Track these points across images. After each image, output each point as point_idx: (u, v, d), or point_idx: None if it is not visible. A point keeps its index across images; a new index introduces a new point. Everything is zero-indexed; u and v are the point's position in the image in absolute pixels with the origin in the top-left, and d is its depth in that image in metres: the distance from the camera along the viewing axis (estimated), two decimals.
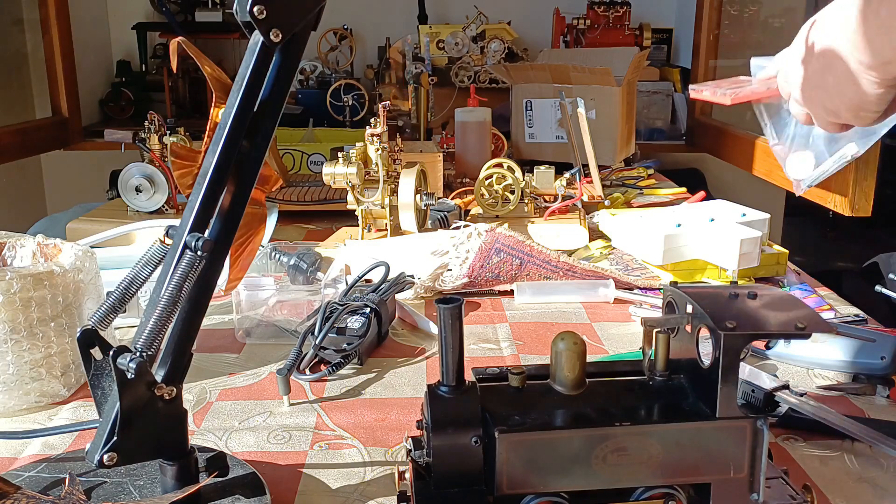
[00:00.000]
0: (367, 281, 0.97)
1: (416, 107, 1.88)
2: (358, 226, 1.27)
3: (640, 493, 0.52)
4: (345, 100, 2.14)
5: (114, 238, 1.14)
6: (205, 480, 0.56)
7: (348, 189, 1.22)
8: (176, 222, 0.55)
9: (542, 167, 1.37)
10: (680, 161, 2.48)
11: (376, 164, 1.22)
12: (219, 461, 0.57)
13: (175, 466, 0.55)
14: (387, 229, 1.26)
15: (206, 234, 0.53)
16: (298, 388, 0.78)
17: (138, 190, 1.29)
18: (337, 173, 1.20)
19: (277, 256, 1.06)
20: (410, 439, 0.56)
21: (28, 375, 0.73)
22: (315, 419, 0.73)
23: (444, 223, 1.27)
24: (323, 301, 0.88)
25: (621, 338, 0.91)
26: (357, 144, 1.24)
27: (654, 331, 0.56)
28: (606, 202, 1.42)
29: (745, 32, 2.18)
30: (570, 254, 1.14)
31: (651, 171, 1.77)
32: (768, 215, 1.10)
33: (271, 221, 1.23)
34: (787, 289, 1.03)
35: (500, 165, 1.35)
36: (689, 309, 0.55)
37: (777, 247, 1.09)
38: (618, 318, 0.97)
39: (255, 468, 0.61)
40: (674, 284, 0.57)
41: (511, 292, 1.03)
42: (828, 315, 0.96)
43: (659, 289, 1.03)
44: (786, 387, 0.61)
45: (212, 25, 2.52)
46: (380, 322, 0.88)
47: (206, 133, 0.71)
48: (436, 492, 0.51)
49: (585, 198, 1.39)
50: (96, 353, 0.53)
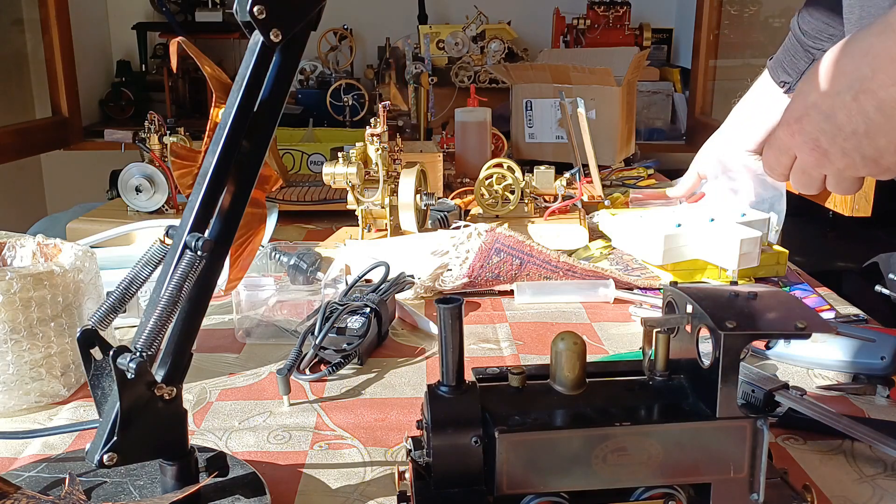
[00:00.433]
0: (367, 281, 0.97)
1: (416, 107, 1.88)
2: (358, 226, 1.27)
3: (640, 493, 0.52)
4: (345, 100, 2.14)
5: (114, 238, 1.14)
6: (205, 480, 0.56)
7: (348, 189, 1.22)
8: (176, 222, 0.55)
9: (542, 167, 1.37)
10: (680, 161, 2.48)
11: (376, 164, 1.22)
12: (219, 461, 0.57)
13: (175, 466, 0.55)
14: (387, 229, 1.26)
15: (206, 234, 0.53)
16: (298, 388, 0.78)
17: (138, 190, 1.29)
18: (337, 173, 1.20)
19: (277, 256, 1.06)
20: (410, 439, 0.56)
21: (28, 375, 0.73)
22: (315, 419, 0.73)
23: (444, 223, 1.27)
24: (323, 301, 0.88)
25: (621, 338, 0.91)
26: (357, 144, 1.24)
27: (654, 331, 0.56)
28: (606, 202, 1.42)
29: (745, 32, 2.18)
30: (570, 254, 1.14)
31: (651, 171, 1.77)
32: (768, 215, 1.10)
33: (271, 221, 1.23)
34: (787, 289, 1.03)
35: (500, 165, 1.35)
36: (689, 309, 0.55)
37: (777, 247, 1.09)
38: (618, 318, 0.97)
39: (255, 468, 0.61)
40: (674, 284, 0.57)
41: (511, 292, 1.03)
42: (828, 315, 0.96)
43: (659, 289, 1.03)
44: (785, 387, 0.61)
45: (212, 25, 2.52)
46: (380, 322, 0.88)
47: (206, 133, 0.71)
48: (436, 492, 0.51)
49: (585, 198, 1.39)
50: (96, 353, 0.53)
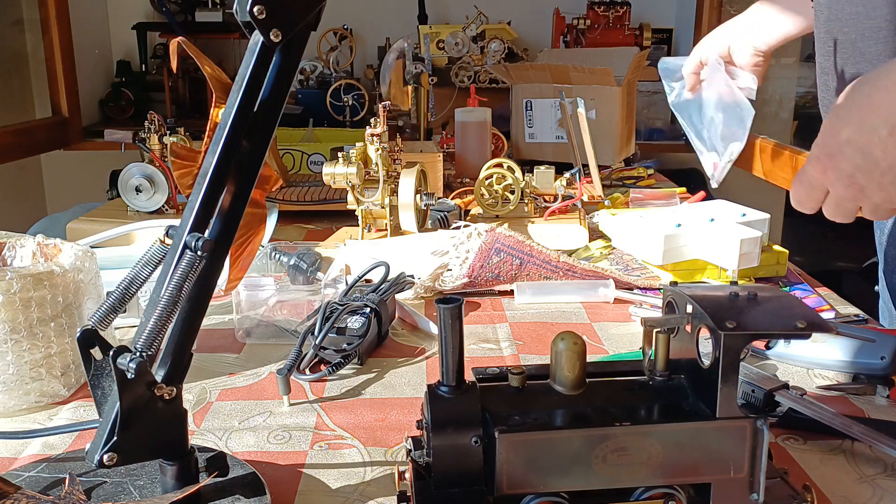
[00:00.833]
0: (367, 281, 0.97)
1: (416, 107, 1.88)
2: (358, 226, 1.27)
3: (640, 493, 0.52)
4: (345, 100, 2.14)
5: (114, 238, 1.14)
6: (205, 480, 0.56)
7: (348, 189, 1.22)
8: (176, 222, 0.55)
9: (542, 167, 1.37)
10: (680, 161, 2.48)
11: (376, 164, 1.22)
12: (219, 461, 0.57)
13: (175, 466, 0.55)
14: (387, 229, 1.26)
15: (206, 234, 0.53)
16: (298, 388, 0.78)
17: (138, 190, 1.29)
18: (337, 173, 1.20)
19: (277, 256, 1.06)
20: (410, 439, 0.56)
21: (28, 375, 0.73)
22: (315, 419, 0.73)
23: (444, 223, 1.27)
24: (323, 301, 0.88)
25: (621, 338, 0.91)
26: (357, 144, 1.24)
27: (654, 331, 0.56)
28: (606, 202, 1.42)
29: None
30: (570, 254, 1.14)
31: (651, 171, 1.77)
32: (768, 215, 1.10)
33: (271, 221, 1.23)
34: (787, 289, 1.03)
35: (500, 165, 1.35)
36: (689, 309, 0.55)
37: (777, 247, 1.09)
38: (618, 318, 0.97)
39: (255, 468, 0.61)
40: (674, 284, 0.57)
41: (511, 292, 1.03)
42: (828, 315, 0.96)
43: (659, 289, 1.03)
44: (785, 386, 0.61)
45: (212, 25, 2.52)
46: (380, 322, 0.88)
47: (206, 133, 0.71)
48: (436, 492, 0.51)
49: (585, 198, 1.39)
50: (96, 353, 0.53)
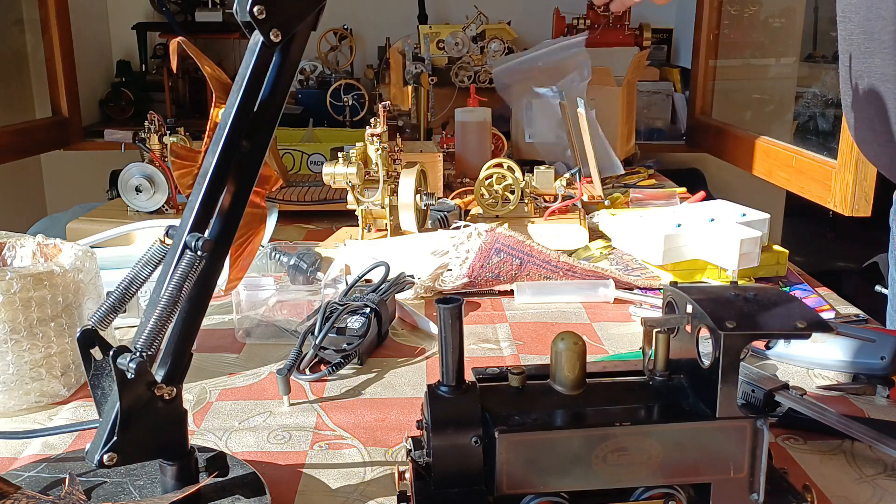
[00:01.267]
0: (367, 281, 0.97)
1: (416, 107, 1.88)
2: (358, 226, 1.27)
3: (640, 493, 0.52)
4: (345, 100, 2.13)
5: (114, 238, 1.14)
6: (205, 480, 0.56)
7: (348, 189, 1.22)
8: (176, 222, 0.55)
9: (542, 167, 1.37)
10: (680, 161, 2.48)
11: (376, 164, 1.22)
12: (219, 461, 0.57)
13: (175, 466, 0.55)
14: (387, 229, 1.26)
15: (206, 234, 0.53)
16: (298, 388, 0.78)
17: (138, 190, 1.29)
18: (337, 173, 1.20)
19: (277, 256, 1.06)
20: (410, 439, 0.56)
21: (28, 375, 0.73)
22: (315, 419, 0.73)
23: (444, 223, 1.27)
24: (323, 301, 0.88)
25: (621, 338, 0.91)
26: (357, 144, 1.24)
27: (654, 331, 0.56)
28: (606, 202, 1.42)
29: (745, 32, 2.18)
30: (570, 254, 1.14)
31: (651, 171, 1.77)
32: (768, 215, 1.10)
33: (271, 221, 1.23)
34: (787, 289, 1.03)
35: (500, 165, 1.35)
36: (689, 309, 0.55)
37: (777, 247, 1.09)
38: (618, 318, 0.97)
39: (255, 468, 0.61)
40: (674, 284, 0.57)
41: (511, 292, 1.03)
42: (828, 315, 0.96)
43: (659, 289, 1.03)
44: (785, 387, 0.61)
45: (212, 25, 2.52)
46: (380, 322, 0.88)
47: (206, 133, 0.71)
48: (436, 492, 0.51)
49: (585, 198, 1.39)
50: (96, 353, 0.53)
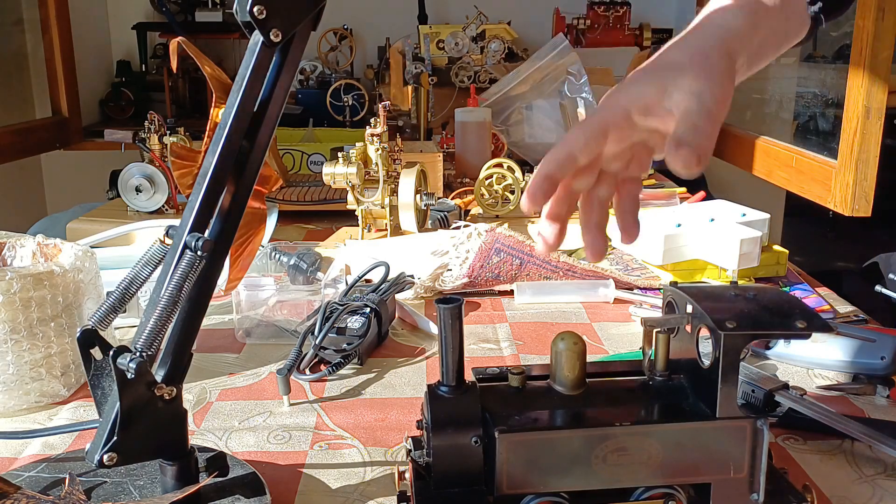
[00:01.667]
0: (367, 281, 0.97)
1: (416, 107, 1.88)
2: (358, 226, 1.27)
3: (640, 493, 0.52)
4: (345, 100, 2.13)
5: (114, 238, 1.14)
6: (205, 480, 0.56)
7: (348, 189, 1.22)
8: (176, 222, 0.55)
9: None
10: None
11: (376, 164, 1.22)
12: (219, 461, 0.57)
13: (175, 466, 0.55)
14: (387, 229, 1.26)
15: (206, 234, 0.53)
16: (298, 388, 0.78)
17: (138, 190, 1.29)
18: (337, 173, 1.20)
19: (277, 256, 1.06)
20: (410, 439, 0.56)
21: (28, 375, 0.73)
22: (315, 419, 0.73)
23: (444, 223, 1.27)
24: (323, 301, 0.88)
25: (621, 338, 0.91)
26: (357, 144, 1.24)
27: (654, 331, 0.56)
28: None
29: None
30: (570, 254, 1.14)
31: (651, 171, 1.77)
32: (768, 215, 1.10)
33: (271, 221, 1.23)
34: (787, 289, 1.03)
35: (500, 165, 1.35)
36: (689, 309, 0.55)
37: (777, 247, 1.09)
38: (618, 318, 0.97)
39: (255, 468, 0.61)
40: (674, 284, 0.57)
41: (511, 292, 1.03)
42: (828, 315, 0.96)
43: (659, 289, 1.03)
44: (785, 387, 0.61)
45: (212, 25, 2.52)
46: (380, 322, 0.88)
47: (206, 133, 0.71)
48: (436, 492, 0.51)
49: None
50: (96, 353, 0.53)
